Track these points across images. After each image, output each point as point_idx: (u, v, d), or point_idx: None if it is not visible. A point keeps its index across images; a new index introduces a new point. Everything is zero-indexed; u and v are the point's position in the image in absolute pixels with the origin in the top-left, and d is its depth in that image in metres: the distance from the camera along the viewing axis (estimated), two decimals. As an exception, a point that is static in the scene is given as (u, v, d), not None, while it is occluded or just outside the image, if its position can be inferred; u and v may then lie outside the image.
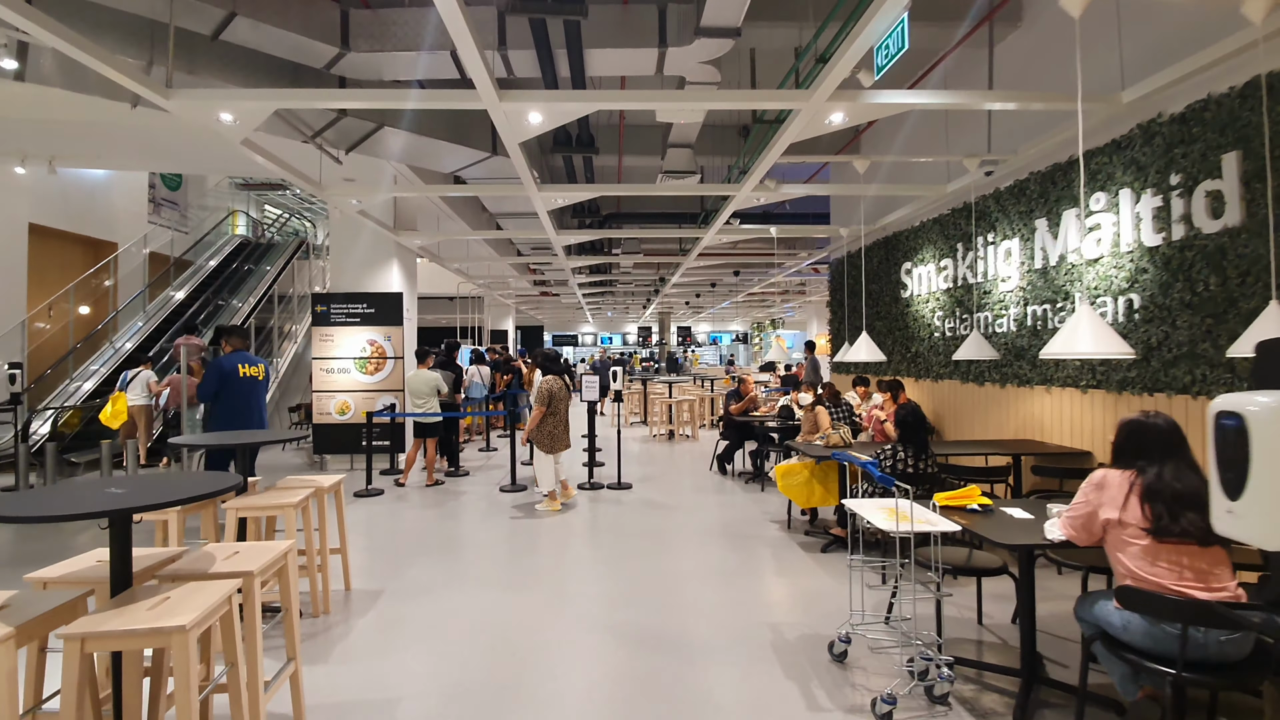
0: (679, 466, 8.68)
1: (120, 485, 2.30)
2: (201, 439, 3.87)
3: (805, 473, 5.40)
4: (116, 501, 2.09)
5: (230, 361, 5.27)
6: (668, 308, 22.82)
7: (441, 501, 6.69)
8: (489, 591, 4.15)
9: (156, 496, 2.15)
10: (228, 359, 5.34)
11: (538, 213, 6.88)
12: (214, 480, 2.40)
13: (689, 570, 4.53)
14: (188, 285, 14.12)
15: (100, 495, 2.18)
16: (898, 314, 7.95)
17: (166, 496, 2.15)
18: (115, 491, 2.21)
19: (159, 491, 2.23)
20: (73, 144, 6.77)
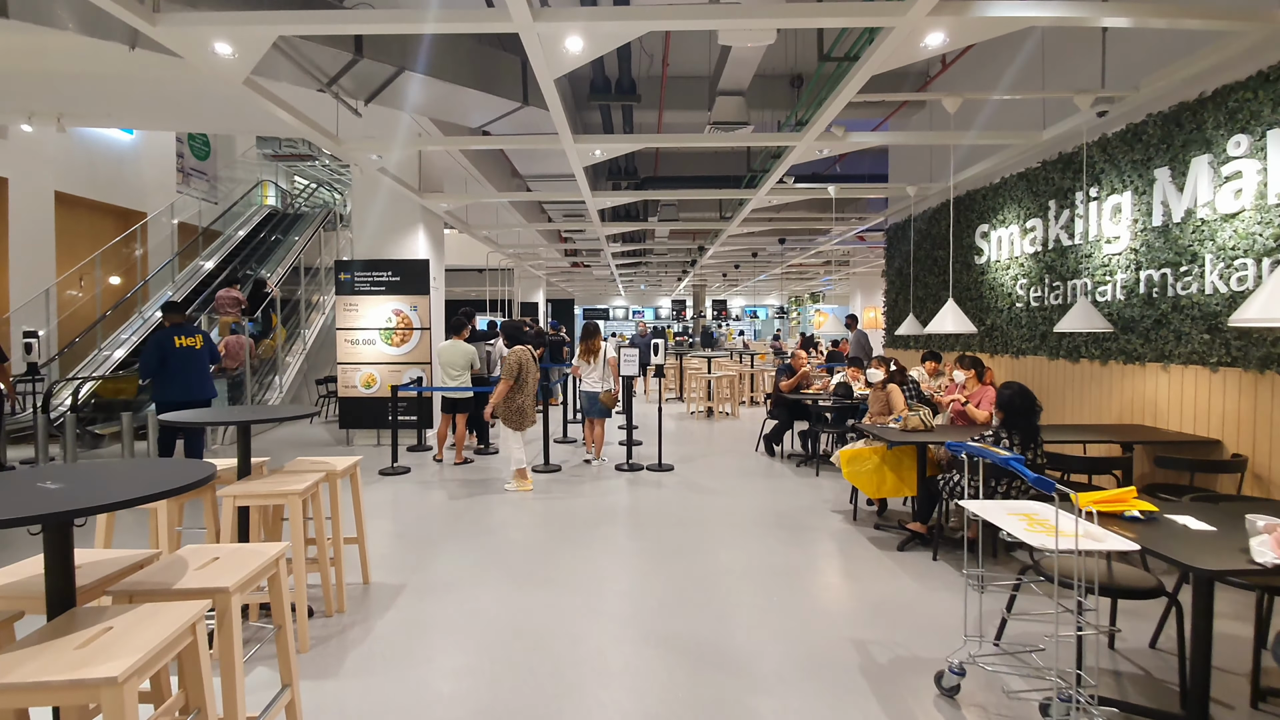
0: (722, 446, 8.11)
1: (60, 477, 1.81)
2: (195, 415, 3.42)
3: (875, 459, 4.78)
4: (49, 502, 1.59)
5: (166, 336, 5.77)
6: (702, 281, 22.05)
7: (470, 481, 6.24)
8: (522, 589, 3.65)
9: (99, 494, 1.65)
10: (164, 333, 5.81)
11: (573, 169, 6.26)
12: (177, 473, 1.90)
13: (746, 567, 3.98)
14: (216, 255, 13.89)
15: (30, 492, 1.69)
16: (970, 282, 7.17)
17: (113, 495, 1.65)
18: (49, 487, 1.71)
19: (106, 486, 1.73)
20: (79, 100, 6.35)
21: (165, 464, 2.07)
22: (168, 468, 1.99)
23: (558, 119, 4.70)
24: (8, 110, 6.33)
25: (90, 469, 1.96)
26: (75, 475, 1.86)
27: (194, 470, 1.91)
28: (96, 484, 1.77)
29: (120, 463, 2.12)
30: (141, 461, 2.14)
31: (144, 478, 1.85)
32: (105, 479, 1.84)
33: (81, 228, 12.17)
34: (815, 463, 6.77)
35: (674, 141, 5.51)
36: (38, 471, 1.90)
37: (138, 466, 2.05)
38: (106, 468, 2.03)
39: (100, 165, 12.45)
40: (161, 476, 1.86)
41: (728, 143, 5.62)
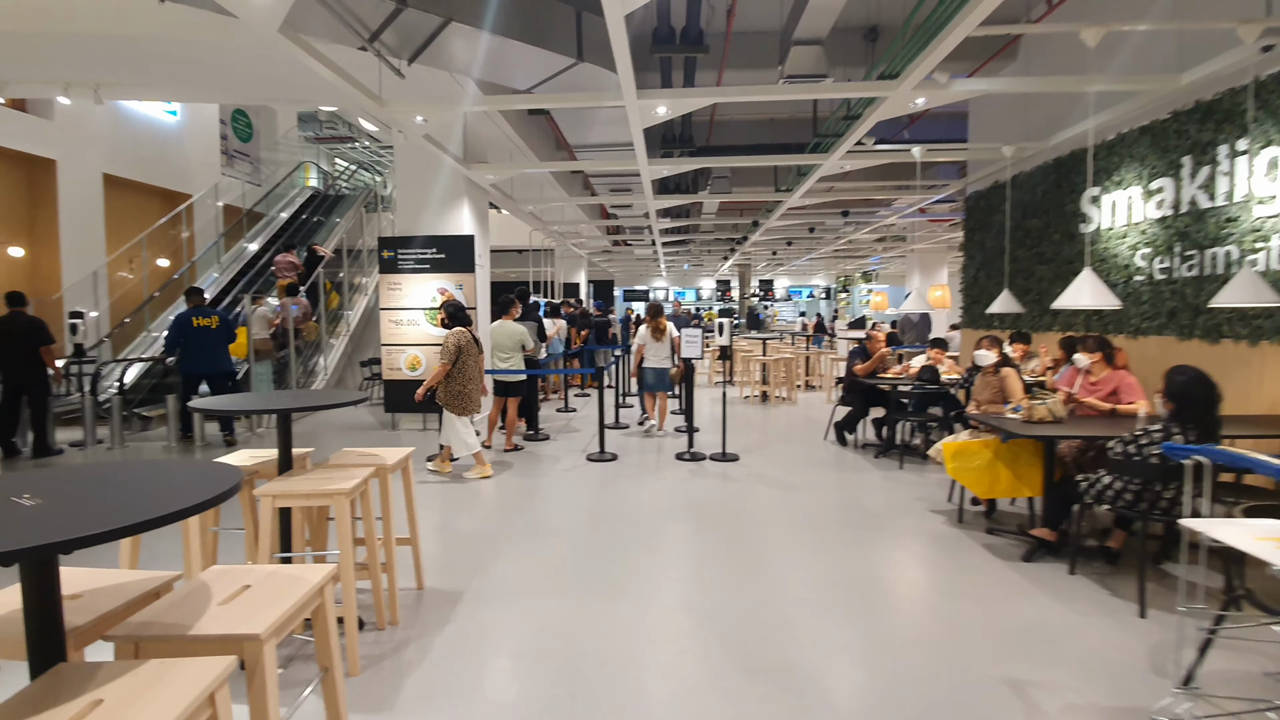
0: (785, 434, 7.54)
1: (42, 490, 1.38)
2: (230, 401, 3.03)
3: (986, 453, 4.17)
4: (20, 536, 1.16)
5: (185, 316, 6.77)
6: (747, 260, 21.27)
7: (523, 471, 5.83)
8: (592, 600, 3.20)
9: (89, 515, 1.21)
10: (184, 314, 6.75)
11: (631, 132, 5.72)
12: (193, 483, 1.46)
13: (847, 579, 3.45)
14: (261, 237, 13.80)
15: (2, 513, 1.26)
16: (1074, 254, 6.39)
17: (104, 523, 1.21)
18: (24, 504, 1.29)
19: (101, 501, 1.30)
20: (114, 68, 6.05)
21: (184, 469, 1.64)
22: (185, 474, 1.56)
23: (622, 65, 4.15)
24: (44, 80, 6.08)
25: (89, 475, 1.54)
26: (67, 485, 1.44)
27: (213, 481, 1.47)
28: (89, 498, 1.34)
29: (132, 465, 1.71)
30: (156, 464, 1.72)
31: (153, 488, 1.42)
32: (104, 489, 1.42)
33: (129, 209, 12.18)
34: (898, 454, 6.16)
35: (746, 95, 4.90)
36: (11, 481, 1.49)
37: (152, 472, 1.63)
38: (109, 474, 1.61)
39: (146, 147, 12.41)
40: (174, 488, 1.42)
41: (807, 94, 5.00)
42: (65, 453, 6.80)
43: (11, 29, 5.33)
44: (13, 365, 6.48)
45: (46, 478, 1.49)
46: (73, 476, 1.53)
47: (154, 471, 1.61)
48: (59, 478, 1.50)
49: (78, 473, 1.56)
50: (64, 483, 1.46)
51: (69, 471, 1.56)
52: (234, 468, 1.57)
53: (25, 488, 1.38)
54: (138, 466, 1.66)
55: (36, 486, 1.40)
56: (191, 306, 6.96)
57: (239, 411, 2.74)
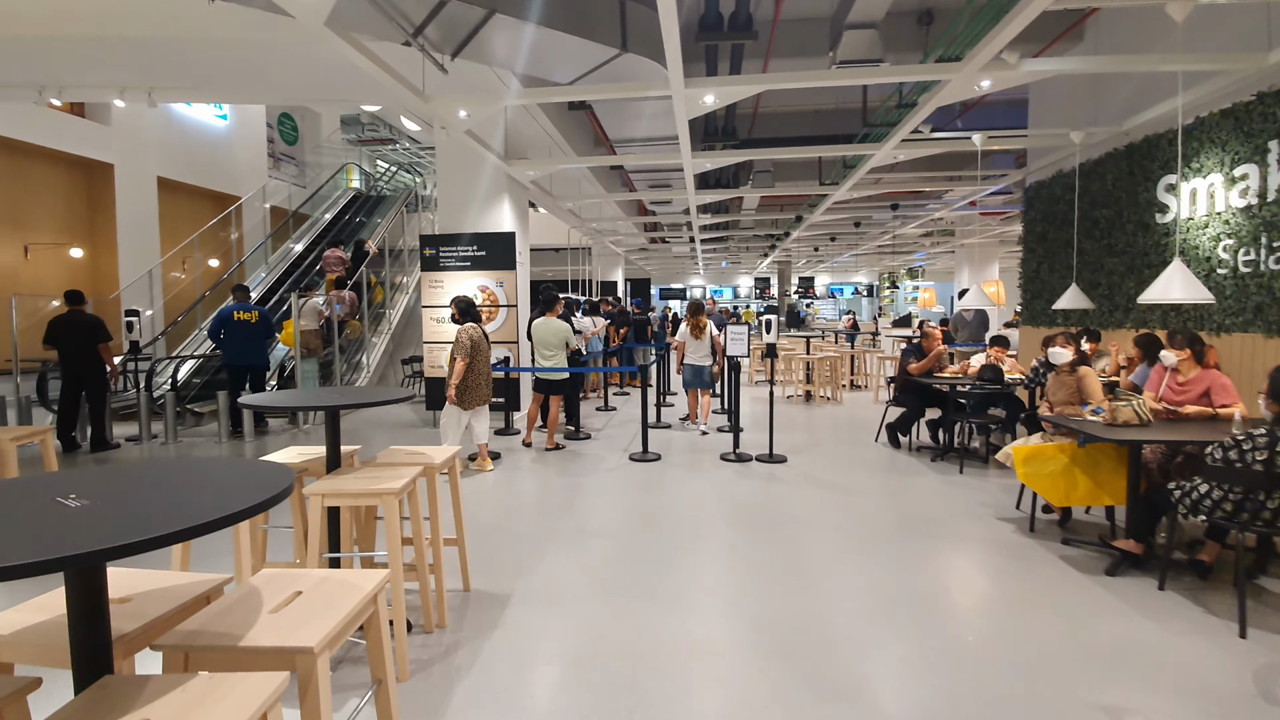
0: (833, 435, 7.29)
1: (90, 490, 1.30)
2: (279, 398, 2.99)
3: (1061, 458, 3.90)
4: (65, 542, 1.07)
5: (228, 309, 7.31)
6: (787, 257, 20.88)
7: (565, 470, 5.74)
8: (645, 605, 3.06)
9: (135, 527, 1.12)
10: (227, 307, 7.31)
11: (676, 124, 5.57)
12: (246, 483, 1.37)
13: (917, 590, 3.24)
14: (305, 238, 14.06)
15: (44, 516, 1.18)
16: (1148, 245, 6.00)
17: (152, 528, 1.12)
18: (71, 505, 1.21)
19: (148, 510, 1.21)
20: (166, 71, 6.17)
21: (234, 469, 1.56)
22: (235, 474, 1.48)
23: (671, 52, 3.99)
24: (99, 84, 6.24)
25: (136, 474, 1.47)
26: (115, 485, 1.36)
27: (264, 483, 1.37)
28: (137, 500, 1.26)
29: (182, 464, 1.64)
30: (205, 464, 1.64)
31: (202, 489, 1.34)
32: (153, 490, 1.34)
33: (182, 211, 12.55)
34: (958, 457, 5.87)
35: (799, 81, 4.69)
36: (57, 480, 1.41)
37: (201, 471, 1.55)
38: (158, 474, 1.54)
39: (198, 150, 12.78)
40: (224, 489, 1.33)
41: (864, 79, 4.78)
42: (121, 447, 6.98)
43: (69, 33, 5.47)
44: (72, 362, 6.68)
45: (94, 478, 1.42)
46: (120, 476, 1.45)
47: (203, 471, 1.53)
48: (107, 477, 1.43)
49: (125, 472, 1.49)
50: (112, 483, 1.39)
51: (117, 471, 1.49)
52: (285, 468, 1.48)
53: (72, 488, 1.31)
54: (187, 465, 1.58)
55: (84, 487, 1.33)
56: (236, 301, 7.48)
57: (288, 408, 2.68)
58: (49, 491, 1.28)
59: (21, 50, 5.85)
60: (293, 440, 7.29)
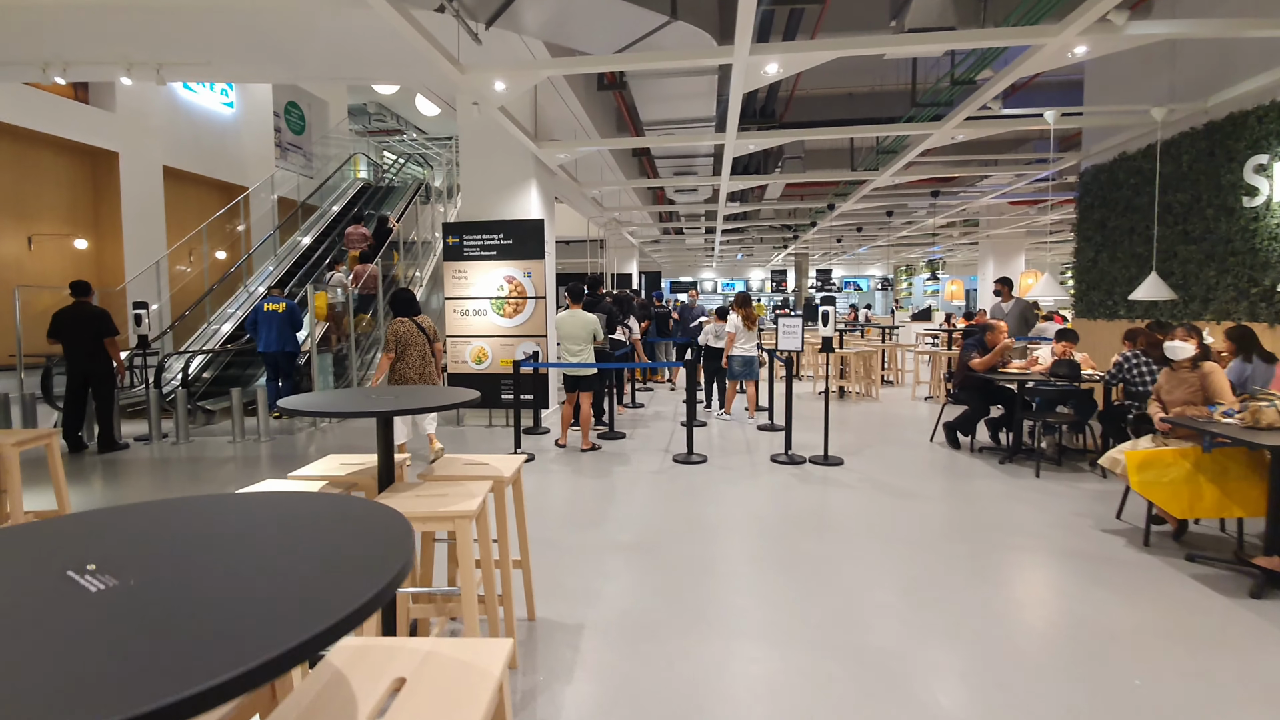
0: (884, 434, 6.88)
1: (117, 550, 0.90)
2: (323, 401, 2.58)
3: (1184, 465, 3.50)
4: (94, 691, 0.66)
5: (261, 302, 7.84)
6: (804, 250, 20.41)
7: (608, 474, 5.33)
8: (736, 638, 2.66)
9: (197, 655, 0.72)
10: (262, 300, 7.91)
11: (730, 96, 5.14)
12: (341, 545, 0.96)
13: (1039, 616, 2.84)
14: (314, 230, 13.63)
15: (47, 614, 0.78)
16: (1231, 232, 5.57)
17: (224, 663, 0.71)
18: (90, 587, 0.80)
19: (208, 607, 0.81)
20: (176, 45, 5.75)
21: (313, 510, 1.16)
22: (317, 515, 1.08)
23: (745, 10, 3.56)
24: (106, 59, 5.81)
25: (178, 521, 1.06)
26: (150, 538, 0.95)
27: (372, 539, 0.97)
28: (187, 576, 0.85)
29: (245, 503, 1.24)
30: (275, 502, 1.24)
31: (280, 553, 0.93)
32: (208, 554, 0.93)
33: (188, 201, 12.15)
34: (1031, 460, 5.45)
35: (875, 47, 4.26)
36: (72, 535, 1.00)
37: (272, 514, 1.15)
38: (212, 517, 1.13)
39: (204, 139, 12.37)
40: (311, 549, 0.93)
41: (949, 44, 4.33)
42: (130, 447, 6.60)
43: (73, 2, 5.06)
44: (78, 357, 6.29)
45: (120, 529, 1.02)
46: (154, 524, 1.05)
47: (272, 514, 1.12)
48: (136, 525, 1.03)
49: (159, 516, 1.08)
50: (145, 537, 0.98)
51: (148, 515, 1.08)
52: (400, 521, 1.07)
53: (92, 546, 0.90)
54: (249, 506, 1.17)
55: (108, 546, 0.92)
56: (268, 294, 7.97)
57: (331, 414, 2.28)
58: (60, 555, 0.88)
59: (22, 21, 5.44)
60: (310, 439, 6.91)
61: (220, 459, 6.06)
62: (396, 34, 4.19)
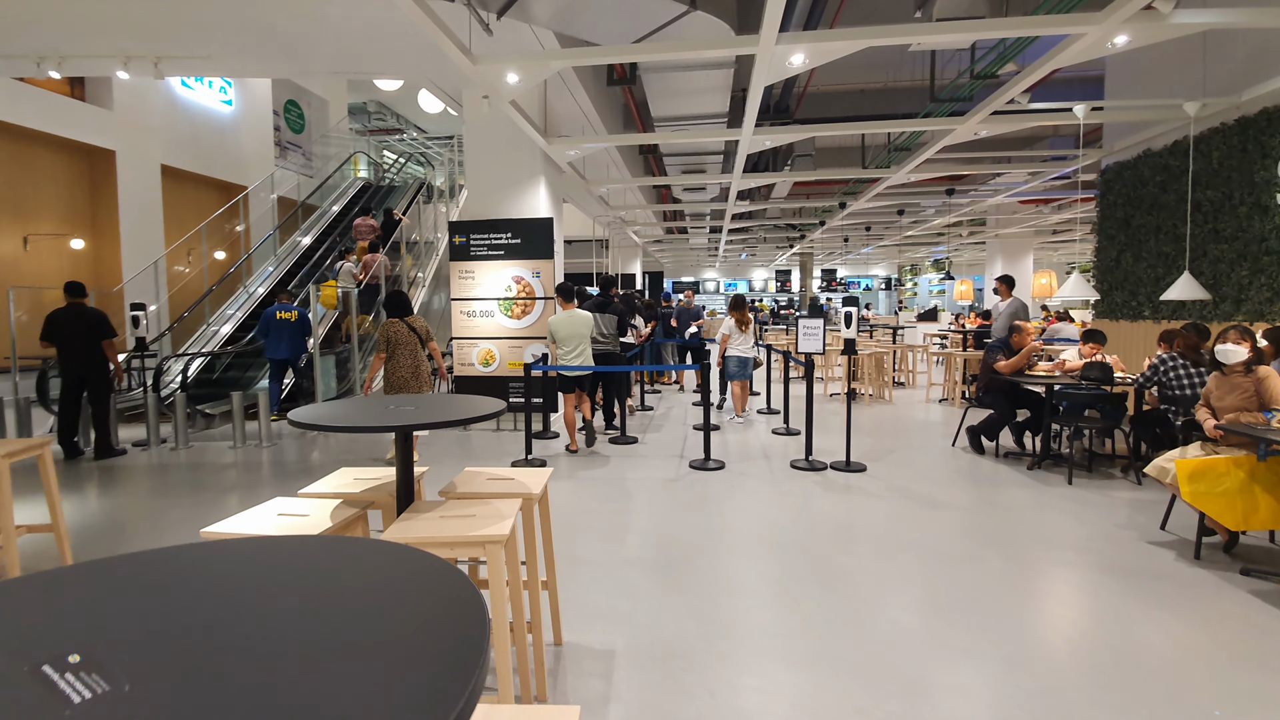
0: (903, 439, 6.70)
1: (104, 633, 0.71)
2: (335, 415, 2.39)
3: (1239, 474, 3.32)
4: None
5: (272, 309, 7.80)
6: (809, 250, 20.23)
7: (624, 481, 5.14)
8: (790, 668, 2.48)
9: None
10: (271, 308, 7.82)
11: (750, 89, 4.96)
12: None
13: (1113, 644, 2.66)
14: (314, 230, 13.43)
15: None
16: (1265, 231, 5.40)
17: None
18: (71, 693, 0.61)
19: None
20: (177, 37, 5.56)
21: (356, 569, 0.97)
22: (362, 574, 0.89)
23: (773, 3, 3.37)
24: (103, 51, 5.62)
25: (175, 583, 0.88)
26: (142, 609, 0.77)
27: (429, 615, 0.78)
28: (193, 675, 0.66)
29: (267, 552, 1.05)
30: (308, 547, 1.05)
31: (315, 636, 0.74)
32: (221, 638, 0.74)
33: (187, 201, 11.94)
34: (1063, 466, 5.28)
35: (908, 36, 4.09)
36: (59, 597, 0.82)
37: (309, 574, 0.96)
38: (214, 574, 0.94)
39: (203, 138, 12.16)
40: (363, 631, 0.74)
41: (985, 32, 4.15)
42: (128, 453, 6.40)
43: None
44: (74, 360, 6.09)
45: (113, 585, 0.83)
46: (157, 583, 0.86)
47: (304, 573, 0.93)
48: (132, 584, 0.84)
49: (167, 572, 0.89)
50: (144, 601, 0.79)
51: (151, 570, 0.89)
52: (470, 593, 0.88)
53: (76, 621, 0.71)
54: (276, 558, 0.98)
55: (97, 614, 0.73)
56: (278, 302, 7.91)
57: (348, 428, 2.09)
58: (34, 636, 0.68)
59: (16, 12, 5.25)
60: (312, 445, 6.71)
61: (221, 465, 5.87)
62: (405, 25, 4.03)
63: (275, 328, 7.70)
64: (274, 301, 8.01)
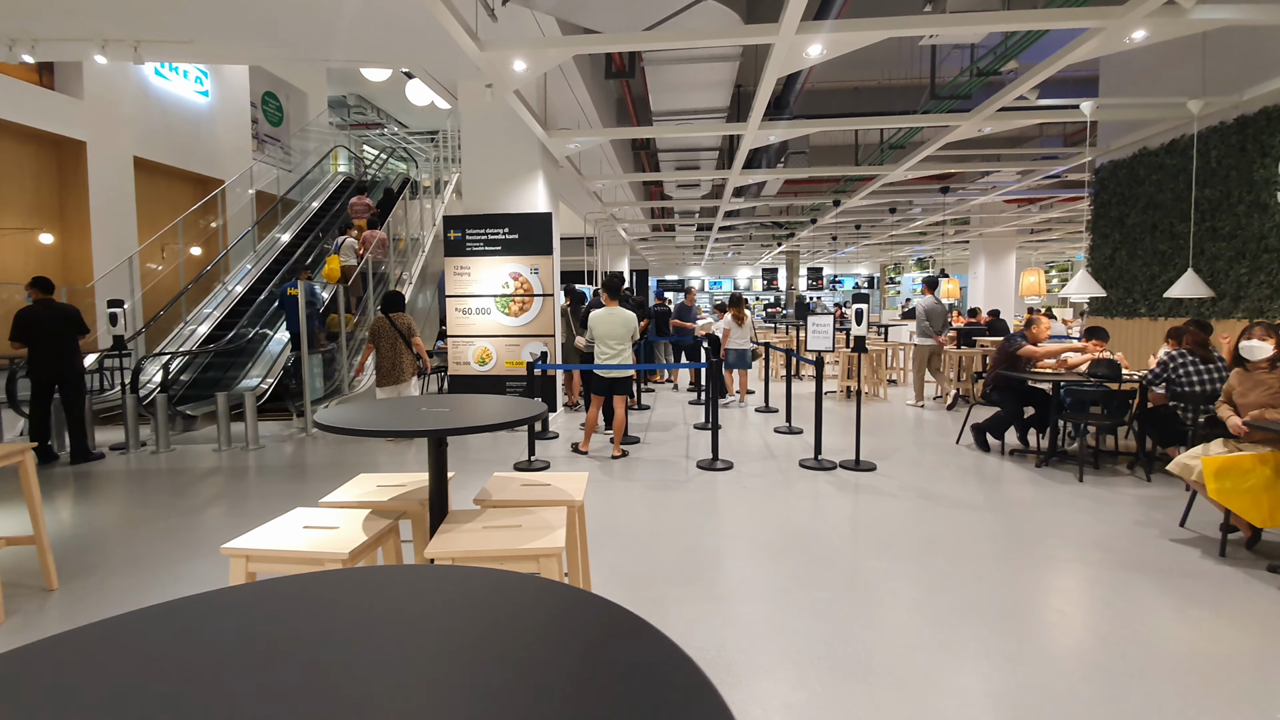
0: (907, 437, 6.67)
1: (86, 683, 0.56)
2: (364, 419, 2.23)
3: (1264, 471, 3.32)
4: None
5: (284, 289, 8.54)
6: (795, 248, 20.27)
7: (633, 481, 5.01)
8: (846, 685, 2.38)
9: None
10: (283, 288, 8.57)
11: (762, 81, 4.86)
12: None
13: (1153, 647, 2.60)
14: (293, 227, 13.03)
15: None
16: (1266, 228, 5.45)
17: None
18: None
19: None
20: (157, 17, 5.28)
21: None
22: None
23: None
24: (79, 34, 5.32)
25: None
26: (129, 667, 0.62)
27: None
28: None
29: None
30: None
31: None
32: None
33: (160, 194, 11.51)
34: (1073, 463, 5.27)
35: (923, 27, 4.02)
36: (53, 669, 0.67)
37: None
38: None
39: (177, 129, 11.72)
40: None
41: (1009, 24, 4.10)
42: (106, 457, 6.10)
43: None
44: (46, 359, 5.77)
45: (108, 664, 0.68)
46: (132, 641, 0.71)
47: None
48: (116, 644, 0.69)
49: (147, 631, 0.74)
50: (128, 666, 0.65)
51: (138, 631, 0.75)
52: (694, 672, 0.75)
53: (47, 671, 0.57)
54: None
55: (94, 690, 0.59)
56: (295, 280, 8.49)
57: (376, 432, 1.93)
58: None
59: (-18, -9, 4.93)
60: (299, 447, 6.46)
61: (206, 470, 5.61)
62: (400, 10, 3.83)
63: (289, 304, 8.14)
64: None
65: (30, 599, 3.12)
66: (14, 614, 2.96)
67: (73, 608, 3.02)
